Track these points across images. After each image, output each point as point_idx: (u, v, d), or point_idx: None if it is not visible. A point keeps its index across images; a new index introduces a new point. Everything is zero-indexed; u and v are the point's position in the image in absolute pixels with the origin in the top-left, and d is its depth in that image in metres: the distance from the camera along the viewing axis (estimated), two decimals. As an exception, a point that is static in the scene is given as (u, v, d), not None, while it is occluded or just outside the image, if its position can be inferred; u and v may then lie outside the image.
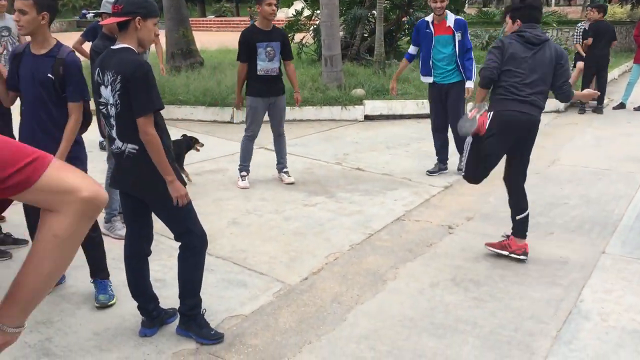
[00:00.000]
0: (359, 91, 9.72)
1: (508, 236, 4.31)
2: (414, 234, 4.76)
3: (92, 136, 4.94)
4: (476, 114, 4.14)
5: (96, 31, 6.74)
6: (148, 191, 3.03)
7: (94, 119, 3.77)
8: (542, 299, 3.65)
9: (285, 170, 6.12)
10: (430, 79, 6.15)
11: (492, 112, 4.14)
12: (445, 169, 6.40)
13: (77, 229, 1.17)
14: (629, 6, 26.79)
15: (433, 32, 6.01)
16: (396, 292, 3.79)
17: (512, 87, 4.05)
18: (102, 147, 7.21)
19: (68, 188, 1.14)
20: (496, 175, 5.12)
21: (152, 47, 5.83)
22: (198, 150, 6.27)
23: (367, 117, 9.27)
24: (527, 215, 4.24)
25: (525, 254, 4.19)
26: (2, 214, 4.63)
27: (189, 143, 6.14)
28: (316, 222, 5.02)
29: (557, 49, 4.15)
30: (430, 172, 6.33)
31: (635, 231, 4.72)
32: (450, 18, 6.00)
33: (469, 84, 6.04)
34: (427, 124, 6.57)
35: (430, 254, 4.36)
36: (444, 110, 6.18)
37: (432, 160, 6.49)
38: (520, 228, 4.25)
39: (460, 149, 6.15)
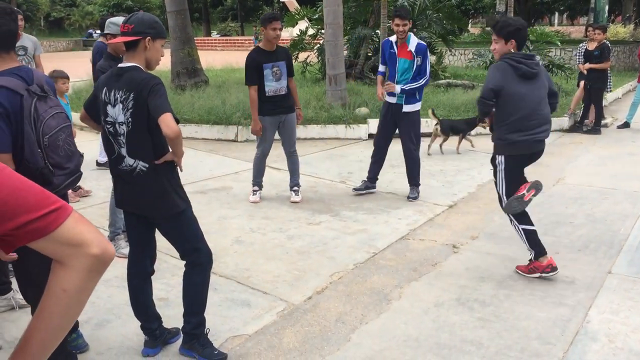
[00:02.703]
0: (363, 110, 9.75)
1: (531, 260, 4.26)
2: (418, 253, 4.73)
3: (88, 156, 4.97)
4: (532, 196, 4.17)
5: (101, 51, 6.81)
6: (157, 209, 3.03)
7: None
8: (549, 320, 3.62)
9: (295, 188, 6.12)
10: (393, 99, 6.02)
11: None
12: (373, 187, 6.36)
13: (85, 284, 1.17)
14: (631, 26, 26.91)
15: (397, 52, 5.96)
16: (401, 311, 3.76)
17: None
18: (105, 166, 7.26)
19: (80, 242, 1.15)
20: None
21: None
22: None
23: (371, 136, 9.25)
24: (534, 231, 4.22)
25: (554, 268, 4.16)
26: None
27: None
28: (320, 240, 5.00)
29: (546, 73, 4.30)
30: (356, 190, 6.32)
31: (641, 251, 4.69)
32: (413, 42, 5.88)
33: (397, 89, 5.89)
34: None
35: (435, 274, 4.34)
36: (390, 130, 6.18)
37: (436, 180, 6.49)
38: (534, 248, 4.23)
39: (412, 180, 6.20)
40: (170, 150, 2.95)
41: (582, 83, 10.00)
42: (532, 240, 4.21)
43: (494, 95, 4.10)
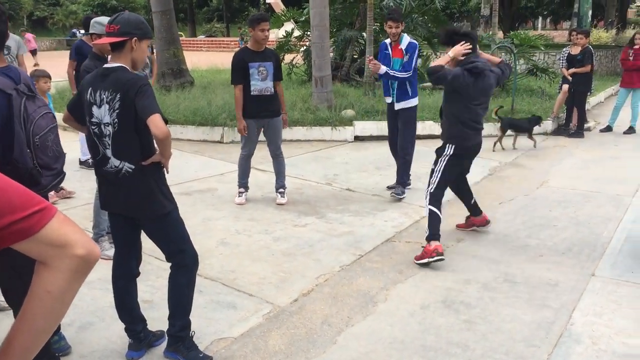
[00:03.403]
0: (349, 112, 9.76)
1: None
2: (404, 255, 4.74)
3: (71, 155, 4.92)
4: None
5: (82, 49, 6.76)
6: (143, 210, 3.00)
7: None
8: (533, 322, 3.64)
9: (280, 190, 6.11)
10: (389, 99, 6.25)
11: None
12: (409, 183, 6.45)
13: (70, 286, 1.16)
14: (614, 30, 27.24)
15: (391, 53, 6.10)
16: (387, 314, 3.76)
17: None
18: (87, 165, 7.20)
19: (65, 242, 1.14)
20: (486, 197, 5.16)
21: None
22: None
23: (357, 138, 9.30)
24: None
25: (440, 254, 4.48)
26: None
27: None
28: (306, 242, 4.99)
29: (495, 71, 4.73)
30: (390, 187, 6.44)
31: (624, 254, 4.74)
32: (405, 41, 6.04)
33: (384, 69, 5.96)
34: (418, 147, 6.58)
35: (420, 276, 4.35)
36: (396, 129, 6.30)
37: (422, 182, 6.49)
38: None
39: (400, 179, 6.31)
40: (158, 151, 2.92)
41: (564, 87, 10.10)
42: (432, 223, 4.63)
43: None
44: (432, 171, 4.79)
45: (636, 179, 6.80)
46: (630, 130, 10.09)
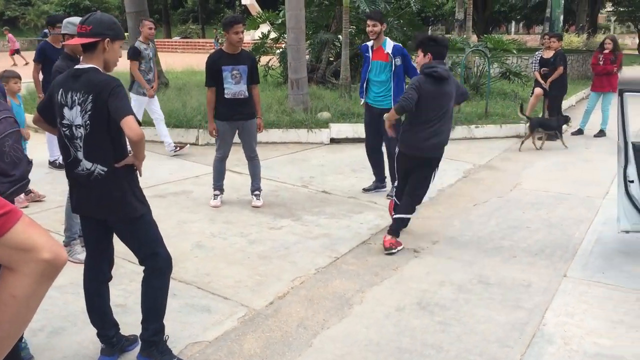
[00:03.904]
0: (325, 114, 9.77)
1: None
2: (380, 257, 4.75)
3: (40, 157, 4.83)
4: None
5: (46, 51, 6.67)
6: (115, 213, 2.96)
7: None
8: (507, 323, 3.68)
9: (256, 193, 6.08)
10: (362, 101, 6.32)
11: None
12: (384, 186, 6.51)
13: (36, 290, 1.14)
14: (585, 35, 27.75)
15: (371, 56, 6.13)
16: (362, 316, 3.77)
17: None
18: (55, 166, 7.09)
19: (30, 246, 1.12)
20: (460, 199, 5.20)
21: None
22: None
23: (333, 140, 9.31)
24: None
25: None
26: None
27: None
28: (282, 245, 4.98)
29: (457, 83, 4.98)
30: (366, 190, 6.49)
31: (595, 255, 4.82)
32: (389, 45, 6.06)
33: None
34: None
35: (396, 278, 4.36)
36: (376, 132, 6.27)
37: (398, 184, 6.53)
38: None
39: (393, 176, 6.28)
40: (132, 153, 2.89)
41: (536, 90, 10.25)
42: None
43: None
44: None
45: (607, 181, 6.93)
46: (601, 133, 10.28)
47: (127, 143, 2.88)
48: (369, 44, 6.21)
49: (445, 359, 3.27)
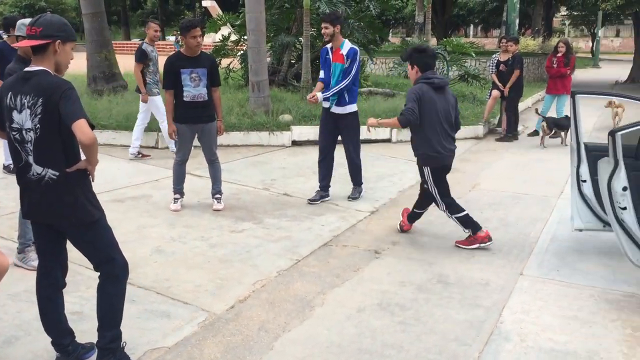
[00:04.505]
0: (287, 117, 9.77)
1: (469, 236, 5.01)
2: (341, 259, 4.77)
3: None
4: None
5: (3, 52, 6.49)
6: (68, 218, 2.89)
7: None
8: (466, 321, 3.74)
9: (217, 196, 6.03)
10: (327, 104, 6.16)
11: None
12: (328, 195, 6.36)
13: None
14: (540, 38, 28.45)
15: (331, 58, 6.10)
16: (323, 318, 3.77)
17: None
18: (9, 171, 6.91)
19: None
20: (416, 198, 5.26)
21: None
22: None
23: (295, 143, 9.31)
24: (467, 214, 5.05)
25: (490, 238, 4.99)
26: None
27: None
28: (243, 248, 4.95)
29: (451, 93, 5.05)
30: (312, 201, 6.26)
31: (550, 253, 4.94)
32: (346, 47, 6.04)
33: (320, 96, 6.03)
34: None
35: (357, 279, 4.39)
36: (330, 135, 6.27)
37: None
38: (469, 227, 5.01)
39: (354, 180, 6.39)
40: (84, 157, 2.83)
41: (494, 92, 10.46)
42: (466, 222, 4.99)
43: None
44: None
45: (561, 180, 7.11)
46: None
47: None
48: (329, 46, 6.20)
49: (405, 358, 3.30)
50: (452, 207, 5.02)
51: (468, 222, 4.99)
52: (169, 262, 4.63)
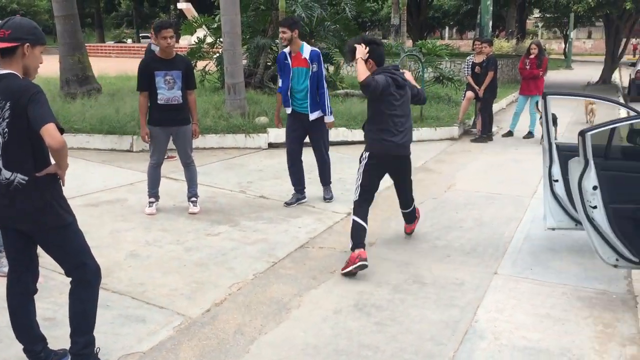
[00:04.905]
0: (263, 119, 9.75)
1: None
2: (317, 260, 4.78)
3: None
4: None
5: None
6: (38, 223, 2.85)
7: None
8: (441, 321, 3.77)
9: (192, 199, 6.00)
10: (289, 110, 6.14)
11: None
12: (304, 197, 6.39)
13: None
14: (514, 40, 28.82)
15: (291, 63, 6.03)
16: (300, 320, 3.78)
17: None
18: None
19: None
20: (396, 200, 5.29)
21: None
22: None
23: (271, 145, 9.30)
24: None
25: (363, 260, 4.42)
26: None
27: None
28: (219, 251, 4.93)
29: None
30: (288, 204, 6.27)
31: (523, 252, 5.01)
32: (306, 50, 5.97)
33: (328, 119, 6.11)
34: (331, 152, 6.66)
35: (333, 281, 4.40)
36: (298, 139, 6.25)
37: (335, 188, 6.59)
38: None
39: (324, 181, 6.44)
40: (54, 162, 2.79)
41: (468, 93, 10.57)
42: (354, 233, 4.62)
43: None
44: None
45: (535, 180, 7.20)
46: (529, 135, 10.70)
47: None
48: (287, 50, 6.07)
49: (381, 359, 3.32)
50: (357, 209, 4.78)
51: (355, 234, 4.63)
52: (144, 266, 4.59)
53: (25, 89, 2.68)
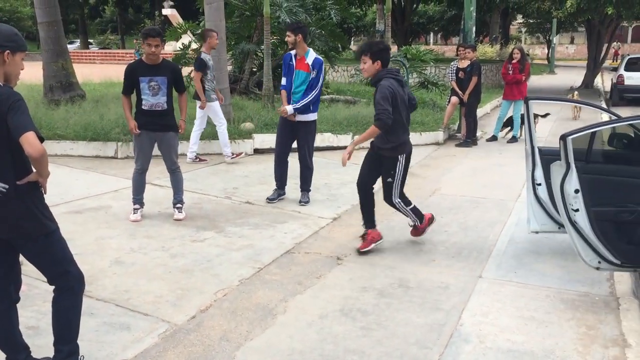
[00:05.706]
0: (248, 125, 9.75)
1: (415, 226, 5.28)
2: (303, 266, 4.78)
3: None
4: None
5: None
6: (20, 231, 2.83)
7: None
8: (426, 325, 3.79)
9: (178, 205, 5.98)
10: (291, 108, 6.25)
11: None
12: (284, 193, 6.66)
13: None
14: (498, 46, 29.07)
15: (295, 65, 6.25)
16: (286, 325, 3.78)
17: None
18: None
19: None
20: (382, 205, 5.31)
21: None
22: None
23: (257, 151, 9.30)
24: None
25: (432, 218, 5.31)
26: None
27: None
28: (204, 258, 4.92)
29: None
30: (270, 200, 6.55)
31: (508, 255, 5.05)
32: (311, 56, 6.21)
33: (289, 108, 6.16)
34: (316, 158, 6.69)
35: (319, 286, 4.40)
36: (288, 140, 6.46)
37: (320, 193, 6.61)
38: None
39: (304, 186, 6.57)
40: (35, 170, 2.77)
41: (452, 98, 10.64)
42: (415, 211, 5.21)
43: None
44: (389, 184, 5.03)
45: (518, 184, 7.26)
46: (513, 139, 10.79)
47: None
48: (293, 52, 6.30)
49: (367, 363, 3.33)
50: (405, 199, 5.16)
51: (417, 212, 5.22)
52: (128, 274, 4.56)
53: (6, 97, 2.66)
